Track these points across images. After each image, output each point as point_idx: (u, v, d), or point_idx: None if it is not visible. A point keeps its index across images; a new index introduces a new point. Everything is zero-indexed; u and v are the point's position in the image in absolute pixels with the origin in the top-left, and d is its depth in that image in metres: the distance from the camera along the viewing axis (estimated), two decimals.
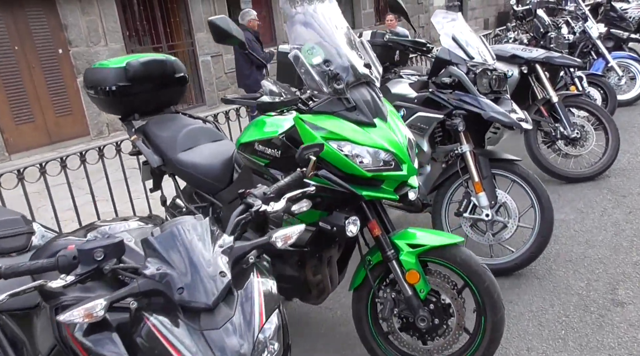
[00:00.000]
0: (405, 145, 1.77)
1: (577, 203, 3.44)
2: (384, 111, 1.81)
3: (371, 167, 1.70)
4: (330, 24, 1.83)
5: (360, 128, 1.72)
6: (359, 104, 1.74)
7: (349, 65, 1.77)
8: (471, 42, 2.67)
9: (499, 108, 2.49)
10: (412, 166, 1.77)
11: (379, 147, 1.70)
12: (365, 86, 1.81)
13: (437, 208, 2.80)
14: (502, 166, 2.65)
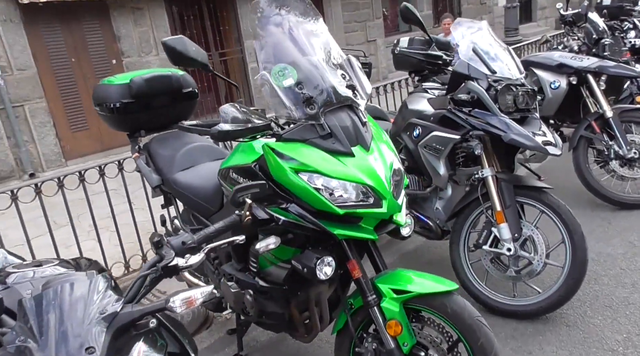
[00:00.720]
0: (388, 178, 1.56)
1: (629, 235, 3.00)
2: (366, 137, 1.61)
3: (345, 203, 1.51)
4: (309, 41, 1.66)
5: (335, 158, 1.54)
6: (335, 131, 1.56)
7: (327, 86, 1.59)
8: (496, 55, 2.38)
9: (522, 129, 2.19)
10: (394, 202, 1.56)
11: (355, 181, 1.52)
12: (346, 109, 1.62)
13: (455, 237, 2.53)
14: (528, 193, 2.34)
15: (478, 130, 2.28)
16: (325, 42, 1.73)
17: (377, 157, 1.60)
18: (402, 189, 1.66)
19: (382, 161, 1.60)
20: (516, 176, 2.42)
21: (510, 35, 7.59)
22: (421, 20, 2.47)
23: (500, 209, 2.32)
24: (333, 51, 1.72)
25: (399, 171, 1.66)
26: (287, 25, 1.65)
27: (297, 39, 1.65)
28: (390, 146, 1.73)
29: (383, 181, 1.54)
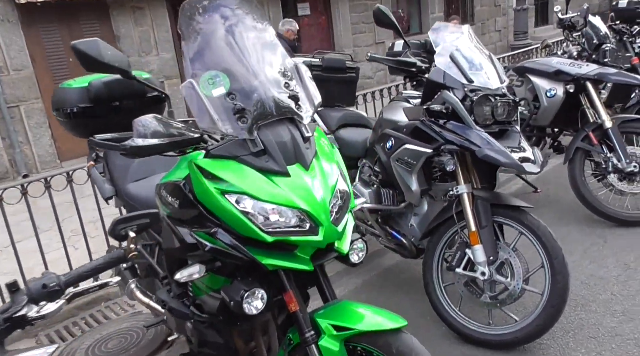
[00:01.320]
0: (326, 201, 1.41)
1: (625, 255, 2.78)
2: (307, 155, 1.45)
3: (276, 229, 1.36)
4: (249, 46, 1.51)
5: (267, 179, 1.39)
6: (270, 147, 1.41)
7: (264, 97, 1.44)
8: (475, 62, 2.19)
9: (497, 145, 2.01)
10: (333, 229, 1.40)
11: (288, 205, 1.36)
12: (285, 123, 1.47)
13: (429, 257, 2.36)
14: (506, 213, 2.16)
15: (451, 144, 2.10)
16: (270, 46, 1.58)
17: (317, 178, 1.45)
18: (346, 212, 1.50)
19: (323, 182, 1.44)
20: (495, 193, 2.23)
21: (519, 38, 7.33)
22: (396, 24, 2.30)
23: (475, 229, 2.14)
24: (278, 57, 1.57)
25: (343, 193, 1.50)
26: (222, 27, 1.50)
27: (234, 43, 1.50)
28: (339, 164, 1.57)
29: (320, 205, 1.39)
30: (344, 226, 1.48)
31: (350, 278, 3.06)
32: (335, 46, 9.91)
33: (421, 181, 2.32)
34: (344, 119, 3.03)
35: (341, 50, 10.03)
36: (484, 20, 12.99)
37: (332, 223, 1.42)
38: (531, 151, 2.07)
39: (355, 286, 2.96)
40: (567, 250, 2.91)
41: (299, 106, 1.52)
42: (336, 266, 3.18)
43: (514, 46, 7.43)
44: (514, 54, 6.33)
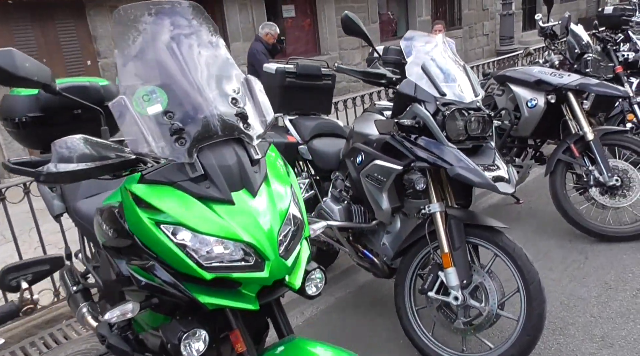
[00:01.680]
0: (274, 232, 1.27)
1: (606, 274, 2.68)
2: (255, 179, 1.32)
3: (217, 264, 1.22)
4: (192, 59, 1.37)
5: (207, 207, 1.25)
6: (211, 172, 1.27)
7: (207, 115, 1.30)
8: (449, 74, 2.07)
9: (469, 163, 1.89)
10: (282, 263, 1.27)
11: (230, 237, 1.23)
12: (231, 144, 1.33)
13: (400, 279, 2.23)
14: (480, 234, 2.04)
15: (422, 161, 1.98)
16: (218, 59, 1.44)
17: (266, 205, 1.31)
18: (298, 242, 1.37)
19: (272, 209, 1.31)
20: (469, 212, 2.11)
21: (505, 43, 7.25)
22: (365, 32, 2.18)
23: (448, 251, 2.02)
24: (225, 71, 1.44)
25: (296, 220, 1.36)
26: (163, 36, 1.36)
27: (175, 54, 1.35)
28: (293, 187, 1.44)
29: (267, 237, 1.25)
30: (296, 258, 1.34)
31: (324, 296, 2.92)
32: (320, 49, 9.79)
33: (392, 199, 2.19)
34: (318, 128, 2.90)
35: (327, 53, 9.91)
36: (471, 24, 12.97)
37: (281, 257, 1.28)
38: (505, 169, 1.96)
39: (327, 304, 2.83)
40: (547, 267, 2.86)
41: (248, 125, 1.38)
42: None
43: (500, 51, 7.36)
44: (499, 59, 6.26)
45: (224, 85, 1.41)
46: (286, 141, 2.89)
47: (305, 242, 1.45)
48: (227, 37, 8.33)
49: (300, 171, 2.98)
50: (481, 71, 5.26)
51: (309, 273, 1.47)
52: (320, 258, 3.08)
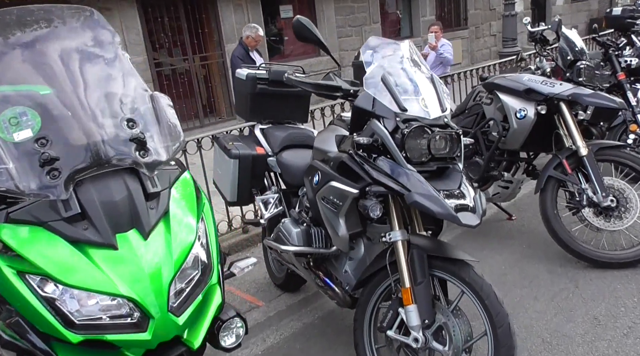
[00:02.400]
0: (164, 284, 1.06)
1: (596, 306, 2.42)
2: (148, 217, 1.12)
3: (91, 322, 1.02)
4: (76, 74, 1.17)
5: (82, 254, 1.05)
6: (90, 211, 1.07)
7: (90, 142, 1.10)
8: (412, 86, 1.84)
9: (429, 188, 1.65)
10: (171, 321, 1.06)
11: (106, 292, 1.02)
12: (123, 175, 1.13)
13: (360, 313, 2.01)
14: (446, 267, 1.81)
15: (379, 185, 1.75)
16: (115, 74, 1.24)
17: (158, 248, 1.10)
18: (202, 290, 1.16)
19: (166, 254, 1.10)
20: (435, 242, 1.88)
21: (508, 45, 6.96)
22: (319, 38, 1.95)
23: (409, 285, 1.79)
24: (123, 87, 1.23)
25: (202, 264, 1.15)
26: (39, 47, 1.16)
27: (55, 69, 1.16)
28: (208, 221, 1.23)
29: (154, 290, 1.04)
30: (197, 311, 1.13)
31: (291, 320, 2.71)
32: (319, 50, 9.54)
33: (352, 223, 1.96)
34: (288, 139, 2.68)
35: (325, 55, 9.66)
36: (478, 24, 12.63)
37: (171, 313, 1.07)
38: (472, 197, 1.72)
39: (292, 331, 2.62)
40: (532, 295, 2.61)
41: (146, 152, 1.18)
42: (278, 305, 2.84)
43: (502, 53, 7.06)
44: (501, 61, 5.99)
45: (118, 104, 1.20)
46: (254, 153, 2.67)
47: (218, 288, 1.24)
48: (221, 39, 8.15)
49: (269, 185, 2.76)
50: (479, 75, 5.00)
51: (225, 322, 1.26)
52: (291, 278, 2.87)
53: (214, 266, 1.21)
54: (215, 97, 8.44)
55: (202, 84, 8.31)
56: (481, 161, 3.17)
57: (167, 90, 7.62)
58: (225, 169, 2.71)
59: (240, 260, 1.44)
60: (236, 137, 2.93)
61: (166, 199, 1.18)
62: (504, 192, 3.23)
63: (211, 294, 1.20)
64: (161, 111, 1.25)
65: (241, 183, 2.66)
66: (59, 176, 1.06)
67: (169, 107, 1.28)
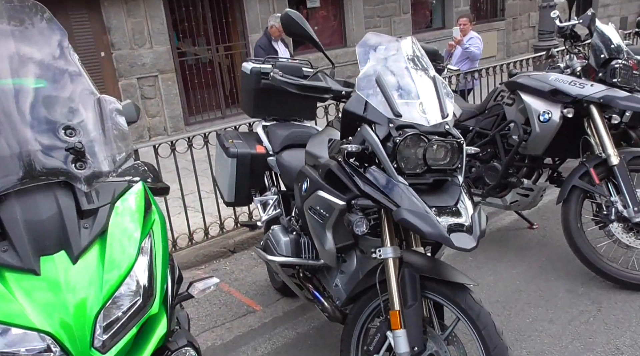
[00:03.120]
0: (89, 315, 0.94)
1: (620, 334, 2.18)
2: (78, 239, 0.99)
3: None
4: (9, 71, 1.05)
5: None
6: (11, 230, 0.96)
7: (17, 151, 0.99)
8: (410, 89, 1.65)
9: (420, 205, 1.46)
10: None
11: (17, 325, 0.91)
12: (54, 190, 1.01)
13: (347, 333, 1.85)
14: (440, 290, 1.62)
15: (366, 198, 1.58)
16: (56, 74, 1.11)
17: (88, 273, 0.98)
18: (138, 321, 1.03)
19: (96, 280, 0.98)
20: (430, 261, 1.69)
21: (545, 39, 6.53)
22: (310, 34, 1.78)
23: (399, 308, 1.62)
24: (65, 90, 1.11)
25: (142, 289, 1.03)
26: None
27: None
28: (157, 238, 1.10)
29: (74, 322, 0.92)
30: (124, 346, 1.01)
31: (285, 328, 2.59)
32: (346, 41, 9.32)
33: (342, 236, 1.81)
34: (290, 138, 2.53)
35: (352, 46, 9.42)
36: (515, 15, 12.06)
37: (97, 349, 0.95)
38: (469, 215, 1.52)
39: (285, 340, 2.49)
40: (547, 317, 2.38)
41: (83, 163, 1.05)
42: (275, 311, 2.72)
43: (538, 47, 6.63)
44: (534, 56, 5.62)
45: (58, 109, 1.08)
46: (252, 152, 2.54)
47: (164, 315, 1.11)
48: (245, 29, 8.04)
49: (269, 185, 2.63)
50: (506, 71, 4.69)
51: (173, 353, 1.14)
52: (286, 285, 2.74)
53: (156, 291, 1.08)
54: (238, 87, 8.36)
55: (226, 75, 8.26)
56: (499, 165, 2.93)
57: (190, 79, 7.61)
58: (224, 167, 2.59)
59: (200, 280, 1.31)
60: (238, 134, 2.80)
61: (105, 216, 1.05)
62: (523, 200, 2.98)
63: (155, 324, 1.08)
64: (107, 117, 1.13)
65: (239, 183, 2.54)
66: None
67: (117, 113, 1.15)
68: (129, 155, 1.15)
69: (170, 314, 1.13)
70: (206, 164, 3.53)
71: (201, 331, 2.62)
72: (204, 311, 2.81)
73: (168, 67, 7.27)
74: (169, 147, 3.33)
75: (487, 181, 2.99)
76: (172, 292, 1.18)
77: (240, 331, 2.60)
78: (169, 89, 7.33)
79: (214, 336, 2.58)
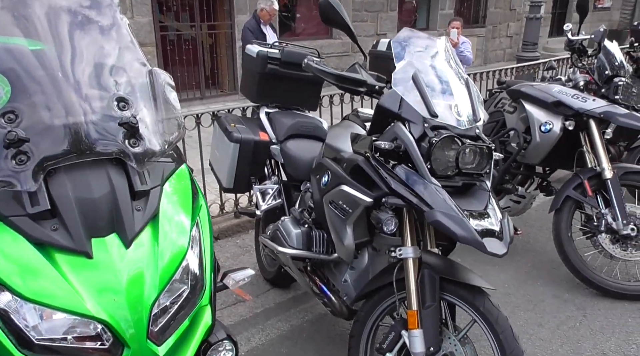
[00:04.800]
0: (145, 304, 0.88)
1: (605, 340, 2.28)
2: (132, 222, 0.93)
3: (48, 344, 0.84)
4: (66, 34, 0.96)
5: (47, 260, 0.86)
6: (62, 208, 0.88)
7: (72, 123, 0.91)
8: (446, 90, 1.64)
9: (454, 208, 1.47)
10: (149, 351, 0.88)
11: (70, 311, 0.84)
12: (107, 167, 0.94)
13: (357, 330, 1.84)
14: (458, 292, 1.64)
15: (396, 197, 1.57)
16: (111, 42, 1.03)
17: (143, 260, 0.92)
18: (192, 310, 0.98)
19: (152, 267, 0.92)
20: (449, 263, 1.70)
21: (528, 50, 6.72)
22: (348, 24, 1.74)
23: (417, 308, 1.62)
24: (119, 59, 1.03)
25: (193, 278, 0.97)
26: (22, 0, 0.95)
27: (36, 27, 0.95)
28: (204, 225, 1.04)
29: (132, 312, 0.86)
30: (177, 340, 0.95)
31: (279, 320, 2.55)
32: (332, 32, 9.23)
33: (360, 232, 1.79)
34: (295, 127, 2.48)
35: (338, 37, 9.36)
36: (496, 24, 12.33)
37: (151, 340, 0.89)
38: (498, 219, 1.54)
39: (279, 332, 2.46)
40: (536, 321, 2.46)
41: (137, 140, 0.98)
42: (266, 302, 2.67)
43: (521, 57, 6.83)
44: (518, 66, 5.77)
45: (110, 79, 1.00)
46: (256, 139, 2.47)
47: (209, 308, 1.06)
48: (232, 9, 7.82)
49: (270, 174, 2.57)
50: (496, 78, 4.79)
51: (213, 345, 1.09)
52: (282, 275, 2.70)
53: (206, 282, 1.02)
54: (219, 69, 8.15)
55: (208, 54, 8.02)
56: (495, 172, 2.99)
57: (170, 56, 7.33)
58: (224, 152, 2.51)
59: (235, 271, 1.26)
60: (239, 118, 2.72)
61: (157, 199, 0.99)
62: (515, 206, 3.06)
63: (200, 315, 1.02)
64: (160, 92, 1.05)
65: (240, 169, 2.47)
66: (26, 162, 0.86)
67: (170, 88, 1.08)
68: (181, 135, 1.08)
69: (214, 305, 1.08)
70: (189, 146, 3.41)
71: None
72: None
73: (148, 41, 6.97)
74: None
75: None
76: (215, 283, 1.13)
77: (231, 321, 2.54)
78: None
79: None
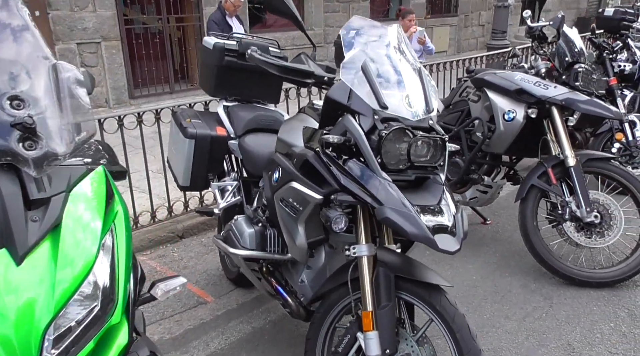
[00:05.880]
0: (38, 327, 0.78)
1: (570, 330, 2.26)
2: (25, 235, 0.83)
3: None
4: None
5: None
6: None
7: None
8: (397, 79, 1.56)
9: (405, 203, 1.39)
10: None
11: None
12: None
13: (313, 332, 1.77)
14: (414, 290, 1.57)
15: (346, 193, 1.49)
16: (3, 34, 0.91)
17: (35, 277, 0.82)
18: (96, 333, 0.88)
19: (47, 284, 0.82)
20: (405, 260, 1.63)
21: (497, 38, 6.72)
22: (294, 12, 1.65)
23: (371, 309, 1.55)
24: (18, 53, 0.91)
25: (102, 292, 0.87)
26: None
27: None
28: (120, 229, 0.94)
29: (17, 337, 0.76)
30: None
31: (240, 322, 2.46)
32: (305, 24, 9.10)
33: (313, 230, 1.70)
34: (254, 121, 2.38)
35: (310, 29, 9.24)
36: (468, 13, 12.36)
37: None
38: (452, 214, 1.47)
39: (240, 335, 2.37)
40: (503, 313, 2.42)
41: (34, 142, 0.87)
42: (229, 303, 2.58)
43: (490, 46, 6.82)
44: (489, 54, 5.76)
45: (2, 76, 0.89)
46: (213, 134, 2.36)
47: (125, 325, 0.96)
48: (199, 1, 7.62)
49: (229, 170, 2.46)
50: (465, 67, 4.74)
51: None
52: (241, 275, 2.61)
53: (118, 297, 0.92)
54: (189, 62, 7.94)
55: (176, 48, 7.81)
56: (462, 161, 2.94)
57: (137, 50, 7.10)
58: (180, 149, 2.39)
59: (165, 280, 1.17)
60: (196, 113, 2.60)
61: (58, 207, 0.88)
62: (482, 197, 3.02)
63: (113, 332, 0.93)
64: (64, 88, 0.94)
65: (196, 166, 2.36)
66: None
67: (78, 83, 0.97)
68: (91, 135, 0.97)
69: (132, 321, 0.99)
70: (153, 141, 3.28)
71: (147, 324, 2.44)
72: (151, 302, 2.62)
73: (113, 34, 6.73)
74: (116, 123, 3.06)
75: (449, 177, 3.00)
76: (135, 295, 1.03)
77: (190, 325, 2.44)
78: (113, 58, 6.81)
79: (161, 330, 2.41)
